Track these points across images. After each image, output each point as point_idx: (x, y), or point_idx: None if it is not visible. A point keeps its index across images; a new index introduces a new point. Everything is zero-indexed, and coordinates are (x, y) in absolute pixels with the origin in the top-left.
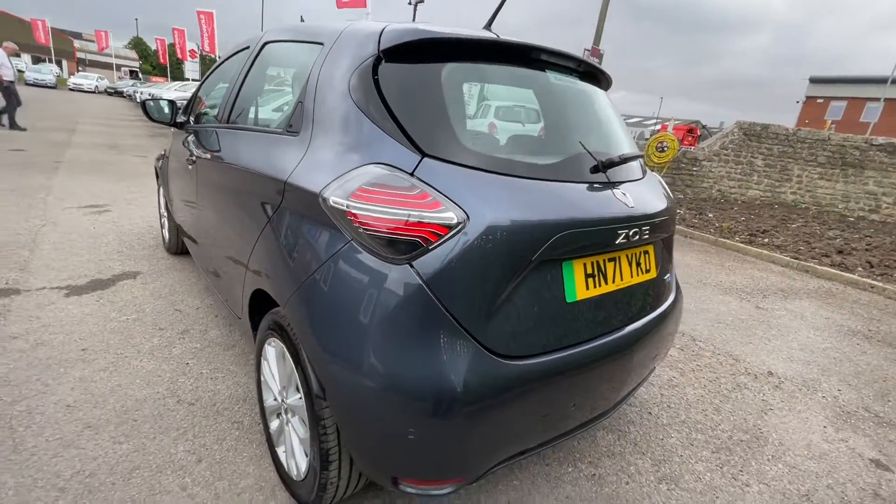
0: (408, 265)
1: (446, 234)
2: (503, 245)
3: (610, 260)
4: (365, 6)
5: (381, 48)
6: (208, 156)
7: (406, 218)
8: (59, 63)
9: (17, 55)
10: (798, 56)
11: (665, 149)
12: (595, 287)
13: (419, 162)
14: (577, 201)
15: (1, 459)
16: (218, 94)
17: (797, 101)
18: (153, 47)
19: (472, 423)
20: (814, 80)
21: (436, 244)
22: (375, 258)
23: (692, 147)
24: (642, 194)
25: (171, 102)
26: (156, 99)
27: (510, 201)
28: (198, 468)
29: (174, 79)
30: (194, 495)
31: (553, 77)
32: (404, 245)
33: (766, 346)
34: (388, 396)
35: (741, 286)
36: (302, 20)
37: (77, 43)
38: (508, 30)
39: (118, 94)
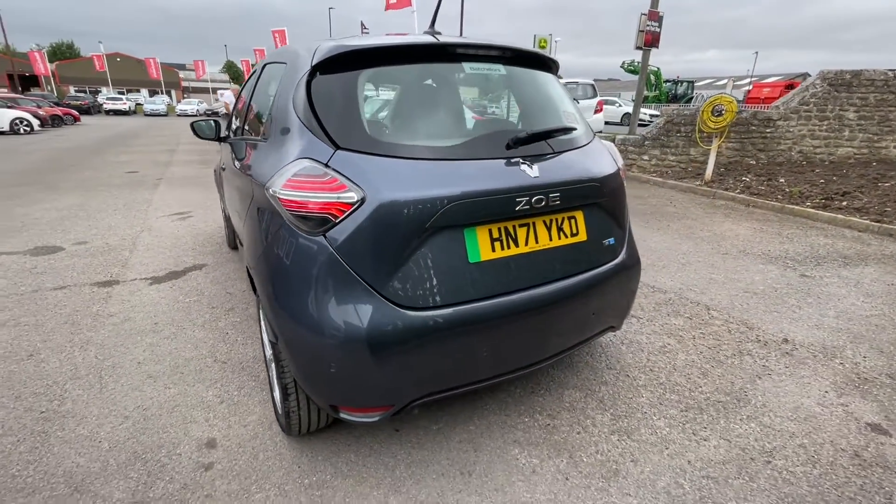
0: (322, 236)
1: (349, 210)
2: (397, 216)
3: (522, 225)
4: (410, 4)
5: (313, 63)
6: (232, 163)
7: (318, 199)
8: (168, 93)
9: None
10: None
11: (723, 112)
12: (503, 249)
13: (333, 154)
14: (471, 177)
15: (91, 397)
16: (240, 112)
17: None
18: (242, 69)
19: (380, 360)
20: None
21: (342, 218)
22: (300, 232)
23: (765, 107)
24: (565, 164)
25: (216, 122)
26: (202, 120)
27: (404, 180)
28: (220, 407)
29: None
30: (214, 425)
31: (472, 67)
32: (319, 221)
33: (793, 314)
34: (312, 339)
35: (793, 254)
36: (363, 27)
37: (182, 73)
38: None
39: (215, 114)
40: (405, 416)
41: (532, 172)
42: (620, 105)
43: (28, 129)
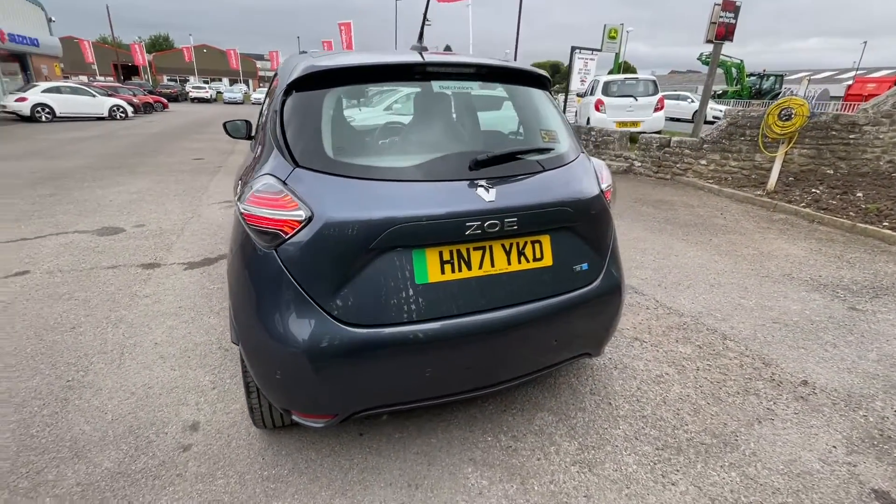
0: (273, 251)
1: (298, 227)
2: (342, 236)
3: (477, 248)
4: None
5: (289, 82)
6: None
7: (271, 216)
8: (246, 82)
9: None
10: None
11: (791, 116)
12: (455, 272)
13: (291, 172)
14: (421, 199)
15: (110, 372)
16: None
17: None
18: None
19: (320, 373)
20: None
21: (291, 235)
22: (258, 246)
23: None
24: (532, 186)
25: (248, 122)
26: (232, 120)
27: (352, 201)
28: (211, 393)
29: None
30: (201, 409)
31: (441, 86)
32: (272, 236)
33: (824, 352)
34: (261, 346)
35: (848, 282)
36: (426, 19)
37: (259, 63)
38: None
39: None
40: (372, 421)
41: (488, 196)
42: (692, 101)
43: (123, 115)
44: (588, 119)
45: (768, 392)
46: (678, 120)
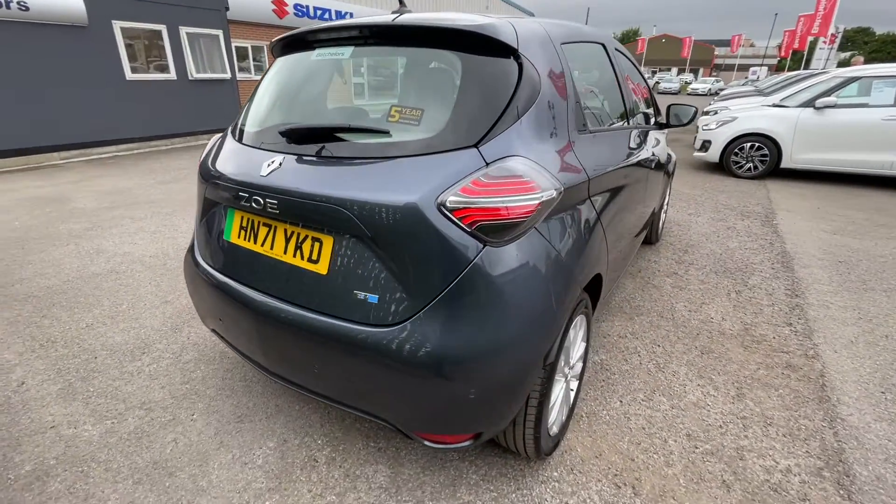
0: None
1: (200, 169)
2: (202, 183)
3: (265, 225)
4: None
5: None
6: None
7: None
8: (694, 71)
9: None
10: None
11: None
12: (245, 241)
13: (229, 129)
14: (233, 161)
15: None
16: None
17: None
18: (784, 42)
19: (187, 282)
20: None
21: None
22: None
23: None
24: (322, 173)
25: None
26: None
27: (214, 156)
28: None
29: (795, 69)
30: None
31: (320, 54)
32: None
33: None
34: None
35: None
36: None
37: (719, 50)
38: None
39: (712, 94)
40: None
41: (264, 171)
42: None
43: None
44: None
45: None
46: None
